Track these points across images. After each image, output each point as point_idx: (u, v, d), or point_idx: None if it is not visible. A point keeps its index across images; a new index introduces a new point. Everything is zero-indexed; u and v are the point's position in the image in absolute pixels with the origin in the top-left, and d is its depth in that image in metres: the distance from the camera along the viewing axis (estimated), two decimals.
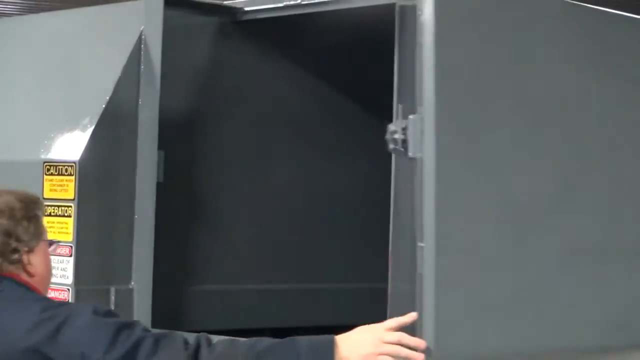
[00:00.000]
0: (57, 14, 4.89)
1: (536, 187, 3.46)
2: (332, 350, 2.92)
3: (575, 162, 3.58)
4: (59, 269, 4.11)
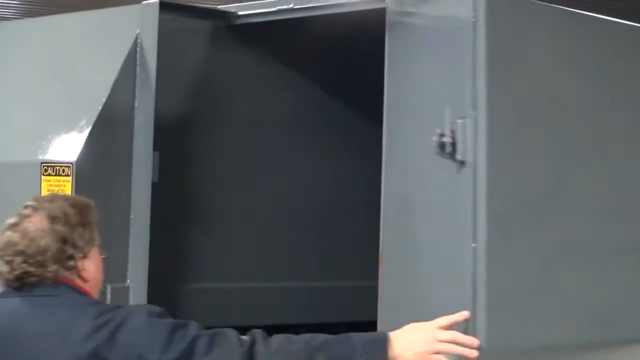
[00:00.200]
0: (55, 18, 4.89)
1: (581, 188, 3.48)
2: (386, 346, 2.90)
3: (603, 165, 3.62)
4: None
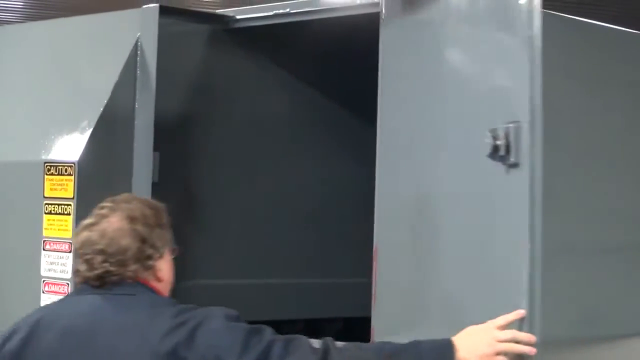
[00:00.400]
0: (58, 21, 4.91)
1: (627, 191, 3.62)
2: (453, 352, 2.95)
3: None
4: (58, 264, 4.16)
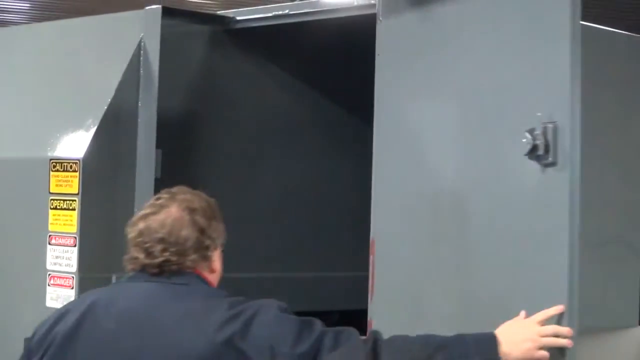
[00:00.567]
0: (63, 22, 4.97)
1: None
2: (497, 346, 2.95)
3: None
4: (63, 258, 4.23)
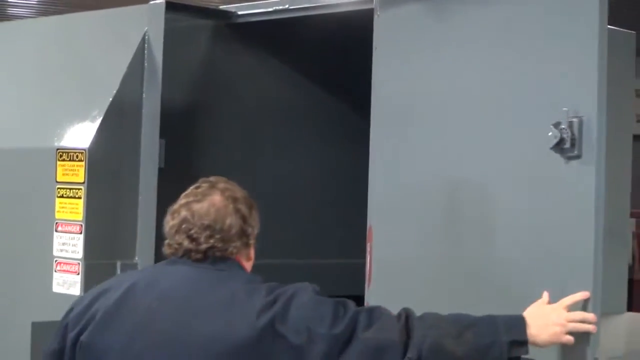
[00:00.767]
0: (69, 16, 5.05)
1: None
2: (525, 327, 3.00)
3: None
4: (69, 245, 4.31)
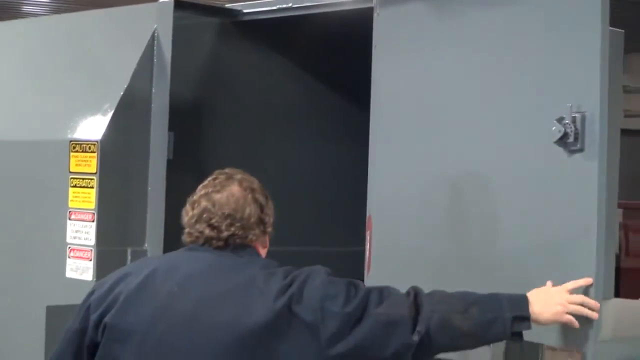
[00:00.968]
0: (81, 14, 5.13)
1: None
2: (528, 305, 3.08)
3: None
4: (82, 232, 4.42)
